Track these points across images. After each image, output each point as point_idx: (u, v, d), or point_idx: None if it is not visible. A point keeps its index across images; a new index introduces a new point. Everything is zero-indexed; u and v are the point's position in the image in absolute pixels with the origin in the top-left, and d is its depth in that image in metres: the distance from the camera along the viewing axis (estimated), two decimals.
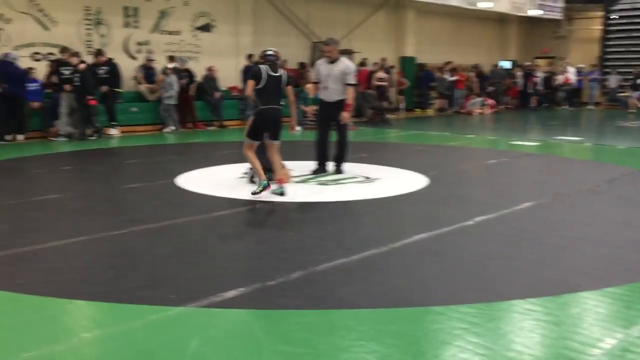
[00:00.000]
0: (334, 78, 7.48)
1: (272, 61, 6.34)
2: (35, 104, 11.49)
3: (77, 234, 4.80)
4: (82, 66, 11.24)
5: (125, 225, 5.11)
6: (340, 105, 7.50)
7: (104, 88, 11.97)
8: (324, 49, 7.72)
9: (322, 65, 7.69)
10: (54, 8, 12.66)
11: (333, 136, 7.79)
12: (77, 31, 13.15)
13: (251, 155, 6.23)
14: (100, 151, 10.30)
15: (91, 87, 11.35)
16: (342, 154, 7.77)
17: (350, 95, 7.53)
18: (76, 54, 11.51)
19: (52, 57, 12.23)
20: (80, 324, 3.21)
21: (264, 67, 6.23)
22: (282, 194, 6.13)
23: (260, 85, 6.16)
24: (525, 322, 3.18)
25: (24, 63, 11.59)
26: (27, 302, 3.43)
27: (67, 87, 11.27)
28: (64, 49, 11.90)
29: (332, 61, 7.52)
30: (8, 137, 10.92)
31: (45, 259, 4.21)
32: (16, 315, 3.27)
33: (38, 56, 12.34)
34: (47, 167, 8.55)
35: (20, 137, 11.15)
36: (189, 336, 2.99)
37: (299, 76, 15.97)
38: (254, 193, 6.07)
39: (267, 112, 6.20)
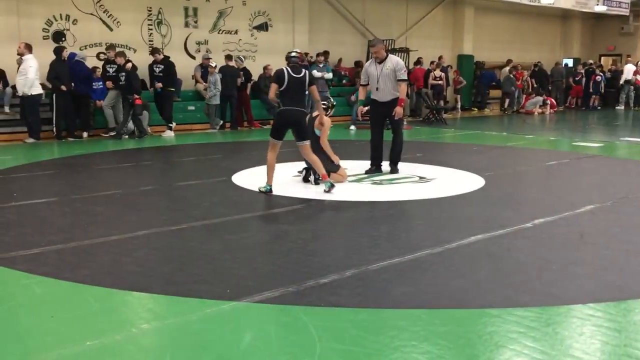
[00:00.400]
0: (385, 77, 7.47)
1: (295, 62, 6.37)
2: (100, 103, 11.93)
3: (137, 229, 4.96)
4: (128, 65, 11.44)
5: (182, 221, 5.24)
6: (393, 104, 7.49)
7: (159, 85, 12.08)
8: (372, 50, 7.70)
9: (370, 66, 7.70)
10: (118, 9, 13.11)
11: (387, 135, 7.75)
12: (140, 31, 13.56)
13: (271, 154, 6.34)
14: (159, 149, 10.58)
15: (137, 86, 11.46)
16: (398, 153, 7.75)
17: (403, 90, 7.52)
18: (122, 54, 11.69)
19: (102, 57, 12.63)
20: (139, 315, 3.31)
21: (285, 70, 6.27)
22: (328, 189, 6.24)
23: (282, 87, 6.22)
24: (585, 327, 3.08)
25: (89, 63, 12.04)
26: (90, 292, 3.57)
27: (109, 83, 11.56)
28: (110, 47, 12.16)
29: (381, 61, 7.52)
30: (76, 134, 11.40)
31: (106, 252, 4.37)
32: (79, 305, 3.41)
33: (103, 56, 12.78)
34: (109, 163, 8.85)
35: (85, 135, 11.60)
36: (242, 330, 3.04)
37: (354, 75, 15.95)
38: (261, 191, 6.34)
39: (287, 112, 6.27)
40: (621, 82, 20.59)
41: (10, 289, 3.69)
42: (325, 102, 7.22)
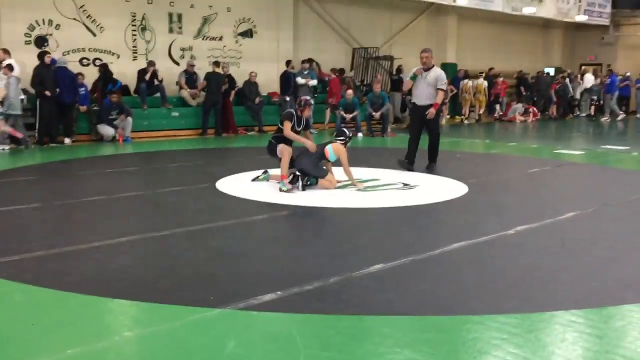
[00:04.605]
0: (427, 84, 8.40)
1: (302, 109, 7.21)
2: (83, 108, 11.85)
3: (119, 235, 4.92)
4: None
5: (166, 228, 5.21)
6: (429, 108, 8.42)
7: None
8: (421, 56, 8.57)
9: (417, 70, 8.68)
10: (101, 14, 13.04)
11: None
12: (124, 37, 13.50)
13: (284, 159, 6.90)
14: (141, 155, 10.52)
15: None
16: (434, 152, 8.70)
17: (440, 97, 8.49)
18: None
19: (99, 63, 12.58)
20: (122, 322, 3.28)
21: (295, 112, 7.13)
22: (284, 189, 6.71)
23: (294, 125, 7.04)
24: (567, 333, 3.11)
25: (72, 68, 11.95)
26: (72, 299, 3.53)
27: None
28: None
29: (427, 69, 8.45)
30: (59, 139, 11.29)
31: (89, 259, 4.32)
32: (61, 313, 3.37)
33: (86, 61, 12.70)
34: (92, 169, 8.78)
35: (67, 141, 11.50)
36: (226, 337, 3.03)
37: (341, 81, 15.71)
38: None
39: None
40: (580, 91, 20.85)
41: None
42: (342, 137, 7.32)
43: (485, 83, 18.51)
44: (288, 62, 14.79)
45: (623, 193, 7.15)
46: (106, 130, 11.78)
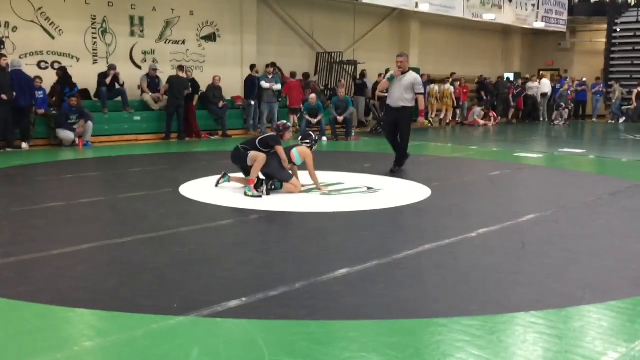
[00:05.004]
0: (402, 87, 8.58)
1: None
2: (41, 111, 11.57)
3: (79, 242, 4.81)
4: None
5: (128, 234, 5.12)
6: (403, 110, 8.66)
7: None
8: (397, 60, 8.75)
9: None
10: (60, 16, 12.78)
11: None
12: (84, 40, 13.25)
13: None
14: (102, 159, 10.33)
15: None
16: (403, 156, 8.89)
17: (421, 102, 8.88)
18: None
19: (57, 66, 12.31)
20: (82, 332, 3.20)
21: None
22: (249, 193, 6.73)
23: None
24: (527, 335, 3.16)
25: (30, 71, 11.67)
26: (29, 309, 3.43)
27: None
28: None
29: (402, 73, 8.64)
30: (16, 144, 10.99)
31: (46, 267, 4.21)
32: (18, 323, 3.27)
33: (44, 65, 12.41)
34: (50, 174, 8.57)
35: (25, 145, 11.20)
36: (190, 345, 2.98)
37: (303, 87, 15.82)
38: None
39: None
40: (539, 95, 21.34)
41: None
42: (308, 141, 7.34)
43: (452, 88, 18.81)
44: (252, 67, 14.74)
45: (580, 195, 7.34)
46: (65, 134, 11.53)
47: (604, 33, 22.76)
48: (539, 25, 22.25)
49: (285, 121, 7.70)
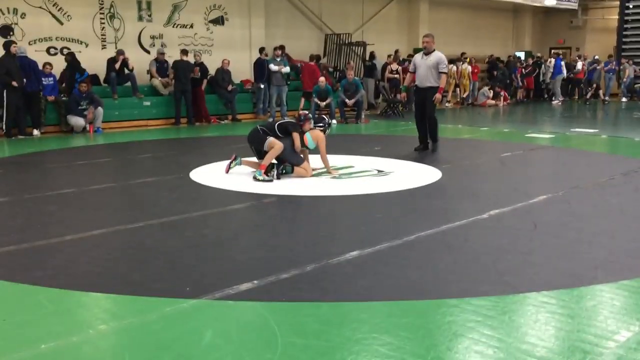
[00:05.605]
0: (428, 66, 8.82)
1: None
2: (51, 98, 11.61)
3: (91, 228, 4.85)
4: None
5: (139, 219, 5.15)
6: (430, 90, 8.84)
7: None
8: (423, 39, 9.00)
9: (417, 57, 9.15)
10: (68, 2, 12.77)
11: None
12: (92, 25, 13.24)
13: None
14: (113, 146, 10.37)
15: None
16: (434, 132, 9.10)
17: (443, 81, 8.94)
18: None
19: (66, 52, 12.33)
20: (97, 316, 3.24)
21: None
22: (259, 177, 6.72)
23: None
24: (539, 314, 3.17)
25: (39, 57, 11.69)
26: (44, 294, 3.48)
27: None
28: None
29: (427, 53, 8.86)
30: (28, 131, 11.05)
31: (61, 252, 4.26)
32: (33, 308, 3.32)
33: (53, 51, 12.43)
34: (62, 161, 8.63)
35: (36, 132, 11.26)
36: (203, 328, 3.02)
37: (311, 72, 15.54)
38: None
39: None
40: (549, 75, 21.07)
41: None
42: (321, 124, 7.33)
43: (470, 68, 18.64)
44: (262, 49, 14.67)
45: (592, 175, 7.28)
46: (76, 121, 11.57)
47: (616, 10, 22.37)
48: (550, 2, 21.92)
49: (307, 112, 7.68)
